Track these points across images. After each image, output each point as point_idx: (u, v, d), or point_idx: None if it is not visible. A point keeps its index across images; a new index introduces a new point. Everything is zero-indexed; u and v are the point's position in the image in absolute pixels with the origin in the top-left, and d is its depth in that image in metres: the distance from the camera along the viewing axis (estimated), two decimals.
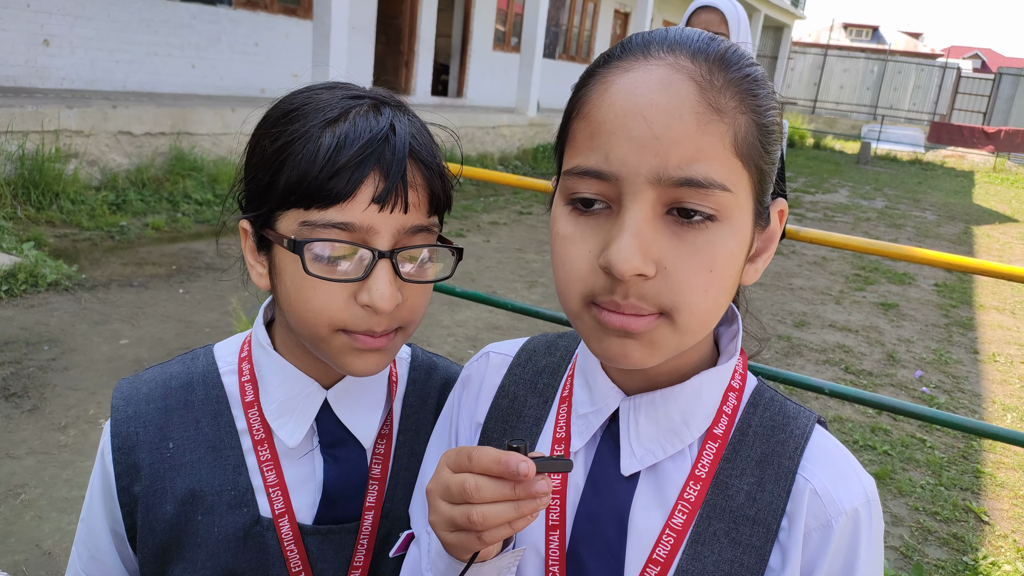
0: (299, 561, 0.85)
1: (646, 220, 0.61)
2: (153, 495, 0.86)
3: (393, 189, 0.75)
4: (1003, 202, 16.04)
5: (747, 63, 0.66)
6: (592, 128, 0.64)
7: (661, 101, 0.61)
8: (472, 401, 0.87)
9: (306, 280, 0.76)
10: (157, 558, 0.86)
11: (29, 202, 5.92)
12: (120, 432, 0.87)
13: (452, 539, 0.66)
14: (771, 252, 0.73)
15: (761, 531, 0.71)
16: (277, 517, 0.85)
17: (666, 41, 0.65)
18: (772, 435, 0.74)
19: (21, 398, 3.39)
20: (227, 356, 0.92)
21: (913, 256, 2.25)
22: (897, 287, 7.73)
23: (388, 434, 0.92)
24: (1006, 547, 3.29)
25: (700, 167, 0.61)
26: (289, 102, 0.81)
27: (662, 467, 0.73)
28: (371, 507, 0.88)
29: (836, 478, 0.72)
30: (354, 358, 0.80)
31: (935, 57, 38.12)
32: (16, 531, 2.56)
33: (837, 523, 0.70)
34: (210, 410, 0.88)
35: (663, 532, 0.71)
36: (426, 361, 1.00)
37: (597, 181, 0.63)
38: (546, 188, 2.82)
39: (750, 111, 0.64)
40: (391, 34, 12.37)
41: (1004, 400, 5.01)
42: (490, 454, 0.62)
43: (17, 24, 7.16)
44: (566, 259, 0.66)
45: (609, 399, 0.75)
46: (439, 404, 0.95)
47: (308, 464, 0.87)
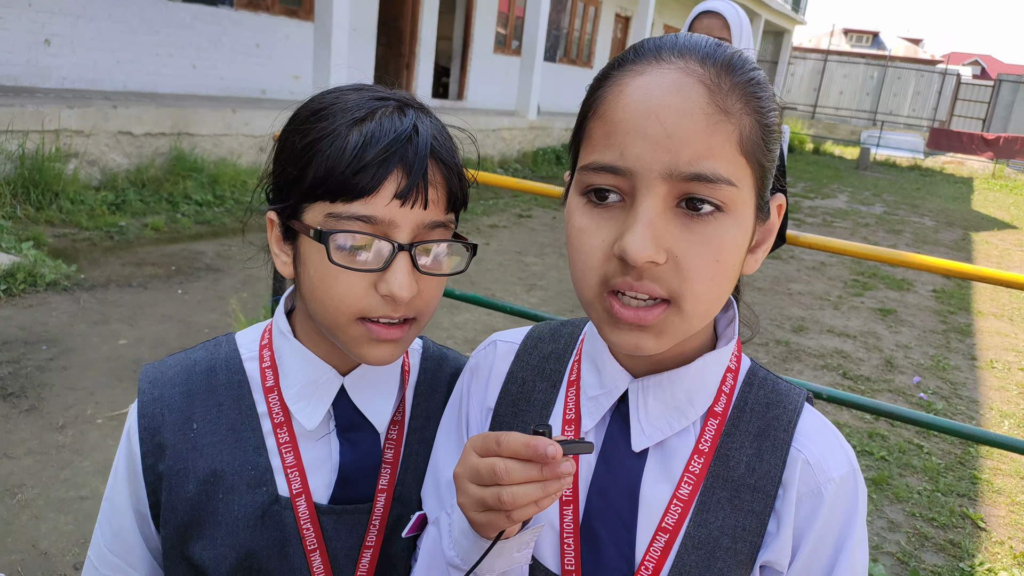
0: (314, 539, 0.89)
1: (658, 212, 0.66)
2: (176, 474, 0.89)
3: (415, 186, 0.80)
4: (1002, 208, 16.06)
5: (751, 67, 0.71)
6: (608, 127, 0.69)
7: (673, 102, 0.66)
8: (482, 388, 0.92)
9: (329, 269, 0.81)
10: (179, 535, 0.90)
11: (29, 202, 5.92)
12: (146, 413, 0.91)
13: (481, 518, 0.70)
14: (769, 243, 0.78)
15: (760, 498, 0.77)
16: (294, 497, 0.89)
17: (676, 47, 0.70)
18: (767, 411, 0.81)
19: (19, 398, 3.39)
20: (248, 343, 0.96)
21: (912, 262, 2.25)
22: (895, 293, 7.73)
23: (401, 420, 0.96)
24: (1002, 553, 3.29)
25: (709, 163, 0.65)
26: (318, 101, 0.85)
27: (668, 443, 0.80)
28: (383, 489, 0.92)
29: (825, 449, 0.79)
30: (370, 347, 0.84)
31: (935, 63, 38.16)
32: (13, 531, 2.56)
33: (826, 490, 0.77)
34: (232, 394, 0.92)
35: (671, 502, 0.78)
36: (437, 352, 1.04)
37: (612, 175, 0.68)
38: (546, 191, 2.83)
39: (754, 112, 0.69)
40: (392, 36, 12.39)
41: (1001, 407, 5.01)
42: (519, 439, 0.67)
43: (18, 23, 7.16)
44: (582, 249, 0.71)
45: (618, 381, 0.81)
46: (448, 393, 0.99)
47: (325, 447, 0.91)
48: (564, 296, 6.13)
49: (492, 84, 14.53)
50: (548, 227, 8.75)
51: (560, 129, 13.86)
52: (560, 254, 7.50)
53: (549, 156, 13.16)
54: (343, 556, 0.90)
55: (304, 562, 0.89)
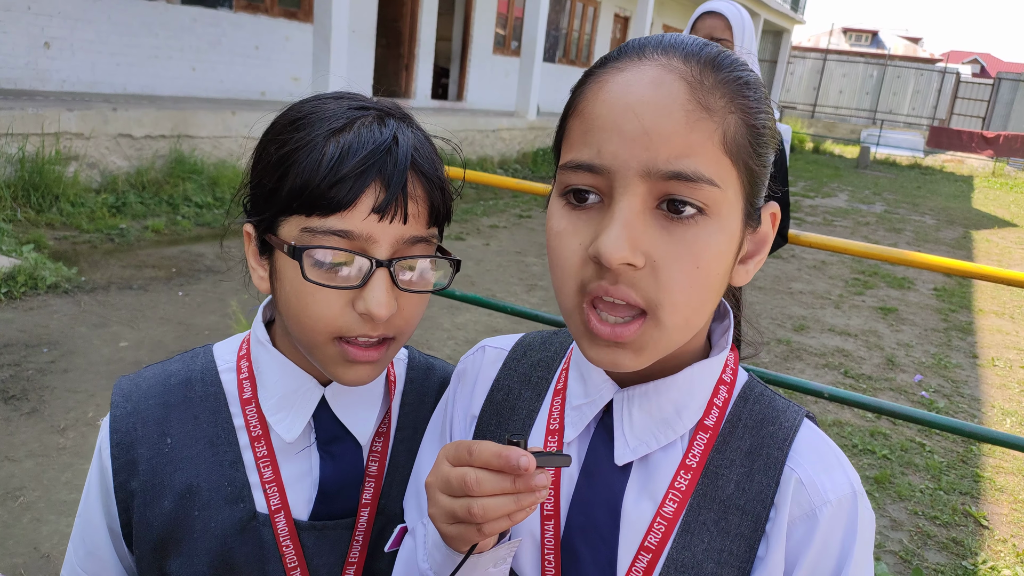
0: (295, 556, 0.86)
1: (636, 212, 0.63)
2: (151, 490, 0.86)
3: (393, 200, 0.76)
4: (1002, 207, 16.06)
5: (739, 67, 0.68)
6: (586, 124, 0.67)
7: (652, 98, 0.64)
8: (467, 394, 0.89)
9: (305, 286, 0.77)
10: (154, 553, 0.87)
11: (29, 204, 5.92)
12: (119, 428, 0.88)
13: (452, 531, 0.67)
14: (763, 255, 0.74)
15: (750, 520, 0.72)
16: (273, 513, 0.86)
17: (661, 44, 0.68)
18: (761, 428, 0.76)
19: (20, 400, 3.39)
20: (226, 355, 0.93)
21: (912, 260, 2.25)
22: (896, 291, 7.73)
23: (386, 432, 0.93)
24: (1005, 551, 3.28)
25: (689, 162, 0.62)
26: (297, 110, 0.82)
27: (653, 457, 0.75)
28: (367, 504, 0.89)
29: (821, 468, 0.73)
30: (345, 369, 0.81)
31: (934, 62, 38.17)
32: (14, 534, 2.56)
33: (822, 513, 0.71)
34: (208, 407, 0.89)
35: (654, 520, 0.73)
36: (423, 362, 1.01)
37: (590, 174, 0.65)
38: (546, 191, 2.82)
39: (740, 111, 0.66)
40: (391, 37, 12.39)
41: (1003, 404, 5.01)
42: (491, 448, 0.64)
43: (18, 27, 7.17)
44: (560, 254, 0.68)
45: (603, 391, 0.77)
46: (436, 404, 0.96)
47: (305, 460, 0.88)
48: None
49: (492, 85, 14.54)
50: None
51: None
52: None
53: (549, 157, 13.15)
54: (325, 573, 0.88)
55: None
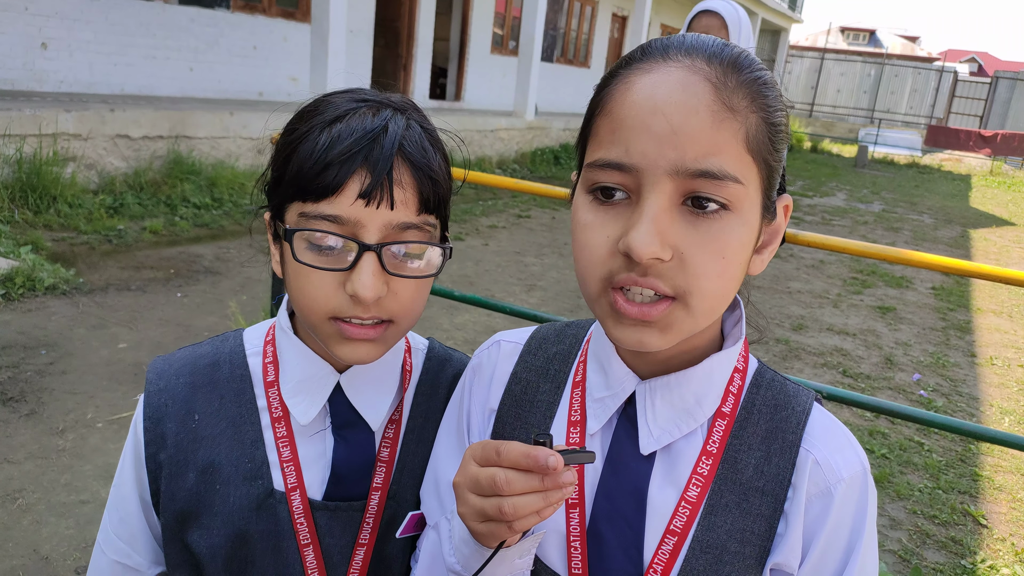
0: (308, 533, 0.90)
1: (663, 209, 0.66)
2: (176, 464, 0.91)
3: (378, 185, 0.80)
4: (1000, 205, 16.08)
5: (758, 67, 0.71)
6: (614, 124, 0.69)
7: (680, 99, 0.66)
8: (484, 388, 0.91)
9: (300, 268, 0.82)
10: (177, 523, 0.91)
11: (27, 205, 5.91)
12: (151, 403, 0.94)
13: (482, 528, 0.70)
14: (776, 244, 0.77)
15: (769, 501, 0.76)
16: (289, 491, 0.90)
17: (684, 46, 0.70)
18: (775, 412, 0.80)
19: (19, 402, 3.39)
20: (254, 339, 0.98)
21: (910, 260, 2.25)
22: (894, 290, 7.74)
23: (398, 419, 0.96)
24: (1004, 550, 3.29)
25: (715, 160, 0.65)
26: (310, 104, 0.87)
27: (676, 445, 0.79)
28: (378, 487, 0.92)
29: (835, 449, 0.78)
30: (344, 346, 0.84)
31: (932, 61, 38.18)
32: (14, 536, 2.56)
33: (836, 490, 0.76)
34: (234, 388, 0.94)
35: (679, 505, 0.76)
36: (442, 353, 1.05)
37: (618, 172, 0.68)
38: (544, 191, 2.83)
39: (760, 110, 0.69)
40: (389, 37, 12.38)
41: (1002, 403, 5.02)
42: (519, 449, 0.66)
43: (15, 27, 7.15)
44: (586, 245, 0.71)
45: (625, 383, 0.80)
46: (450, 395, 0.99)
47: (320, 443, 0.92)
48: (564, 296, 6.13)
49: (490, 85, 14.53)
50: (547, 227, 8.75)
51: (558, 129, 13.85)
52: (560, 254, 7.49)
53: (547, 156, 13.15)
54: (336, 553, 0.91)
55: (297, 556, 0.89)
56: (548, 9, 15.17)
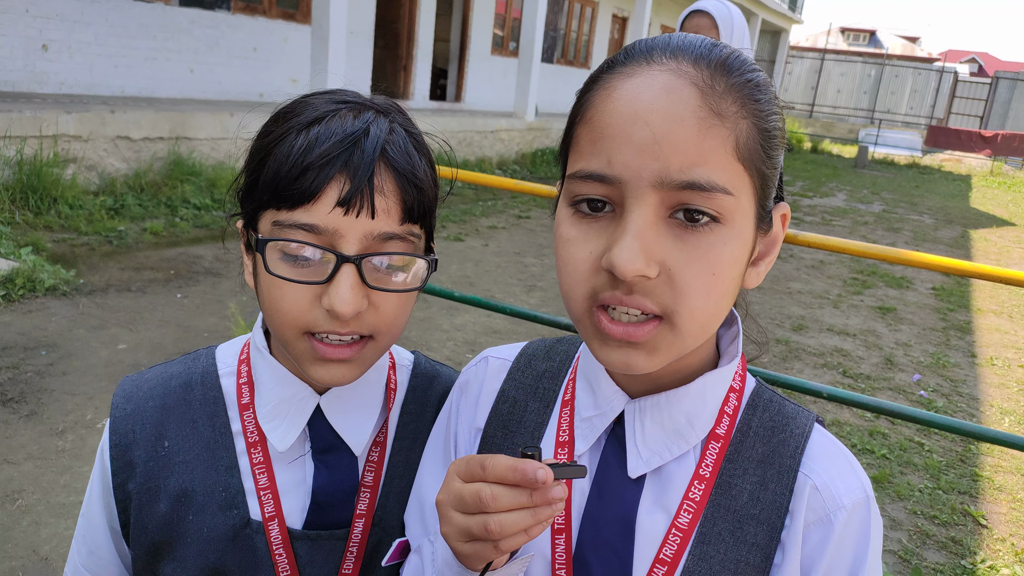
0: (287, 565, 0.84)
1: (649, 223, 0.62)
2: (147, 492, 0.86)
3: (358, 192, 0.74)
4: (1000, 206, 16.07)
5: (749, 69, 0.66)
6: (595, 133, 0.65)
7: (663, 106, 0.62)
8: (471, 406, 0.87)
9: (275, 281, 0.76)
10: (149, 555, 0.87)
11: (27, 207, 5.92)
12: (118, 429, 0.88)
13: (467, 549, 0.65)
14: (774, 256, 0.73)
15: (765, 530, 0.71)
16: (267, 520, 0.84)
17: (669, 47, 0.66)
18: (772, 435, 0.75)
19: (19, 403, 3.39)
20: (227, 358, 0.92)
21: (910, 260, 2.25)
22: (895, 291, 7.73)
23: (383, 442, 0.90)
24: (1004, 551, 3.28)
25: (702, 171, 0.61)
26: (287, 105, 0.82)
27: (666, 468, 0.74)
28: (362, 515, 0.87)
29: (835, 474, 0.73)
30: (318, 367, 0.79)
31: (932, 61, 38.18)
32: (14, 537, 2.56)
33: (837, 518, 0.71)
34: (207, 411, 0.88)
35: (669, 532, 0.72)
36: (428, 369, 0.99)
37: (600, 184, 0.64)
38: (545, 192, 2.82)
39: (752, 116, 0.64)
40: (389, 39, 12.39)
41: (1002, 404, 5.01)
42: (505, 462, 0.62)
43: (16, 29, 7.16)
44: (569, 261, 0.67)
45: (614, 402, 0.75)
46: (438, 414, 0.94)
47: (299, 469, 0.87)
48: None
49: (490, 86, 14.54)
50: (547, 228, 8.74)
51: (558, 130, 13.85)
52: None
53: (548, 157, 13.15)
54: None
55: None
56: (548, 10, 15.19)
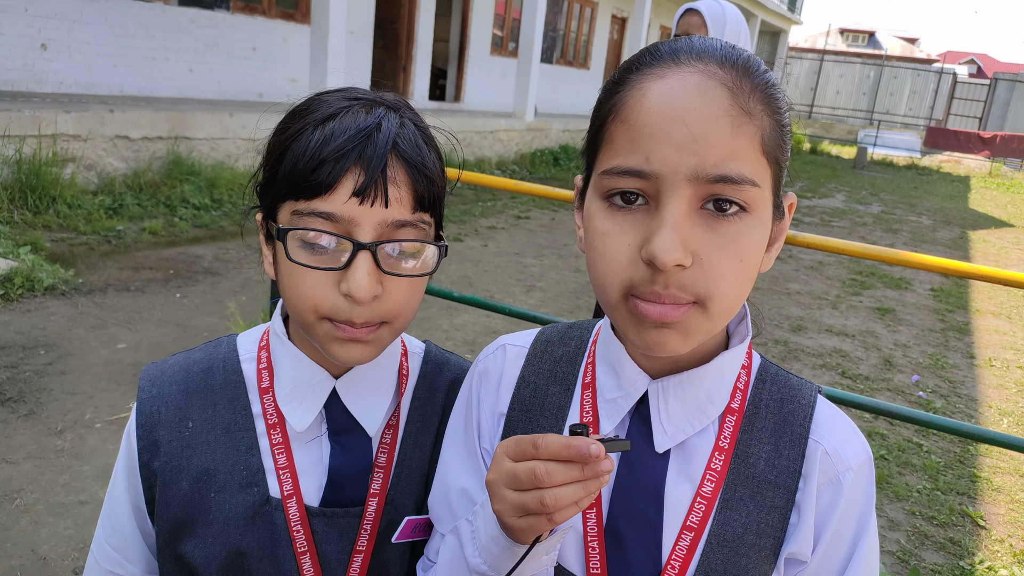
0: (304, 541, 0.89)
1: (684, 215, 0.67)
2: (170, 472, 0.90)
3: (372, 183, 0.79)
4: (999, 207, 16.09)
5: (763, 69, 0.72)
6: (632, 131, 0.69)
7: (698, 105, 0.67)
8: (492, 393, 0.91)
9: (294, 268, 0.81)
10: (171, 532, 0.90)
11: (26, 206, 5.91)
12: (144, 411, 0.93)
13: (521, 523, 0.70)
14: (781, 241, 0.79)
15: (782, 493, 0.79)
16: (285, 498, 0.89)
17: (694, 49, 0.71)
18: (782, 406, 0.82)
19: (17, 403, 3.38)
20: (248, 344, 0.97)
21: (909, 261, 2.25)
22: (893, 292, 7.74)
23: (395, 425, 0.95)
24: (1002, 551, 3.29)
25: (734, 165, 0.67)
26: (302, 103, 0.87)
27: (689, 442, 0.80)
28: (375, 494, 0.91)
29: (842, 439, 0.81)
30: (338, 346, 0.83)
31: (931, 62, 38.20)
32: (12, 536, 2.56)
33: (845, 478, 0.79)
34: (228, 394, 0.93)
35: (694, 501, 0.78)
36: (438, 357, 1.03)
37: (637, 179, 0.68)
38: (544, 193, 2.83)
39: (773, 113, 0.70)
40: (389, 39, 12.39)
41: (1000, 404, 5.02)
42: (559, 440, 0.67)
43: (15, 28, 7.16)
44: (605, 252, 0.71)
45: (637, 383, 0.81)
46: (447, 399, 0.99)
47: (316, 449, 0.91)
48: (563, 297, 6.13)
49: (489, 86, 14.54)
50: (546, 228, 8.75)
51: (558, 131, 13.86)
52: (559, 255, 7.49)
53: (547, 157, 13.15)
54: (334, 559, 0.90)
55: (294, 564, 0.88)
56: (548, 10, 15.19)
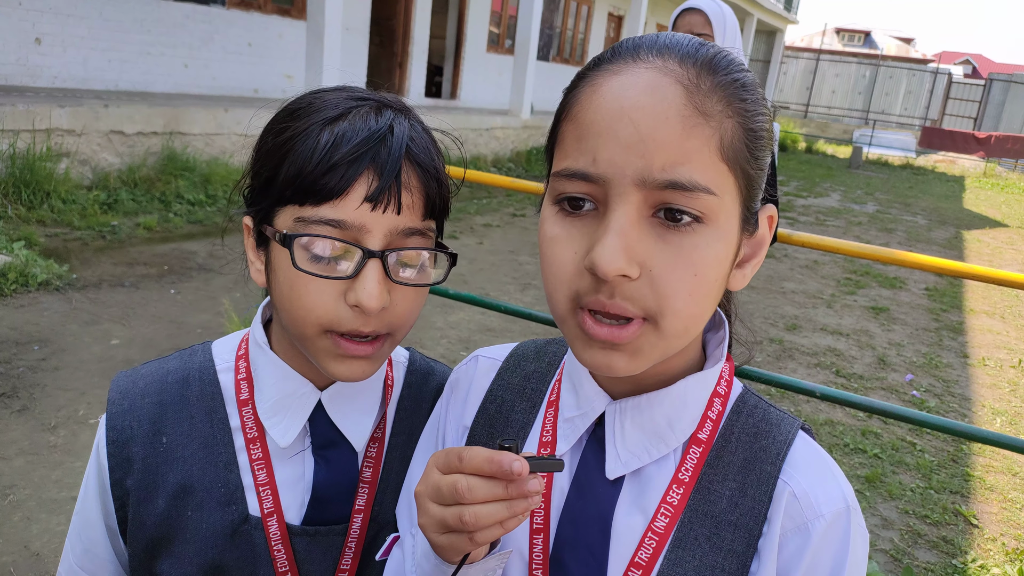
0: (286, 561, 0.85)
1: (631, 222, 0.62)
2: (145, 489, 0.86)
3: (386, 188, 0.75)
4: (993, 207, 16.14)
5: (736, 68, 0.66)
6: (580, 130, 0.64)
7: (647, 103, 0.61)
8: (460, 404, 0.87)
9: (298, 277, 0.76)
10: (146, 552, 0.86)
11: (20, 201, 5.89)
12: (115, 426, 0.88)
13: (443, 540, 0.66)
14: (760, 258, 0.72)
15: (743, 536, 0.70)
16: (266, 516, 0.85)
17: (656, 45, 0.65)
18: (755, 441, 0.74)
19: (11, 398, 3.37)
20: (224, 354, 0.92)
21: (904, 260, 2.26)
22: (888, 291, 7.76)
23: (380, 437, 0.91)
24: (995, 550, 3.30)
25: (684, 170, 0.61)
26: (297, 101, 0.82)
27: (646, 471, 0.73)
28: (360, 510, 0.88)
29: (815, 482, 0.71)
30: (338, 363, 0.79)
31: (926, 62, 38.29)
32: (5, 532, 2.55)
33: (814, 527, 0.69)
34: (205, 407, 0.88)
35: (645, 535, 0.71)
36: (423, 366, 1.00)
37: (585, 183, 0.63)
38: (540, 190, 2.82)
39: (737, 115, 0.64)
40: (385, 35, 12.36)
41: (993, 404, 5.04)
42: (482, 454, 0.62)
43: (9, 22, 7.12)
44: (553, 261, 0.66)
45: (595, 403, 0.75)
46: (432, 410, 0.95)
47: (299, 464, 0.87)
48: None
49: (485, 83, 14.52)
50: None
51: None
52: None
53: (543, 155, 13.06)
54: None
55: None
56: (544, 8, 15.17)
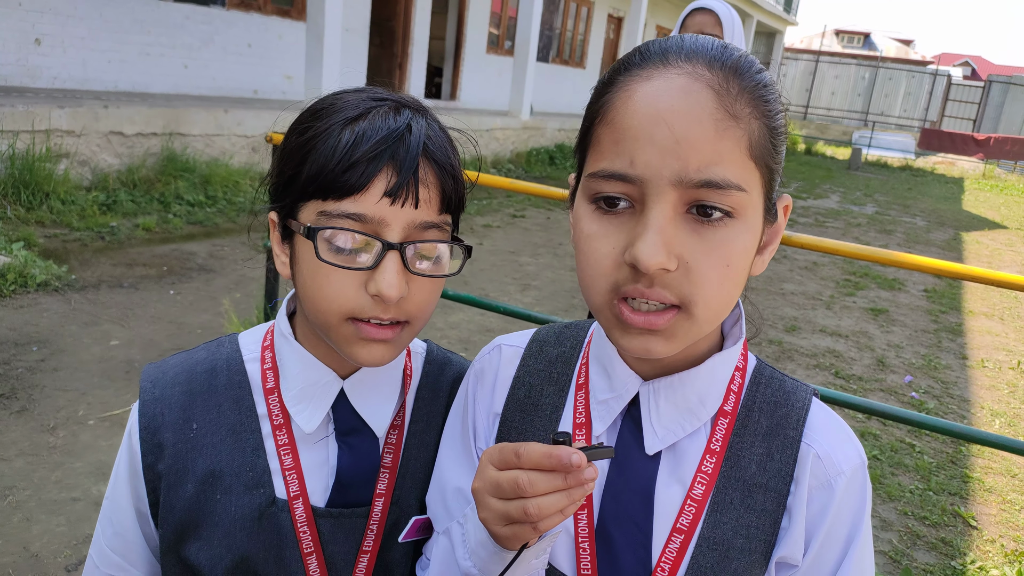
0: (311, 542, 0.89)
1: (668, 219, 0.67)
2: (175, 474, 0.90)
3: (404, 184, 0.80)
4: (992, 208, 16.15)
5: (757, 70, 0.71)
6: (617, 134, 0.69)
7: (682, 108, 0.66)
8: (488, 393, 0.91)
9: (320, 267, 0.81)
10: (176, 535, 0.90)
11: (19, 202, 5.88)
12: (147, 412, 0.92)
13: (506, 532, 0.70)
14: (776, 244, 0.78)
15: (773, 496, 0.78)
16: (292, 499, 0.89)
17: (683, 50, 0.70)
18: (776, 409, 0.82)
19: (10, 399, 3.37)
20: (251, 344, 0.96)
21: (903, 262, 2.26)
22: (887, 292, 7.77)
23: (400, 425, 0.96)
24: (994, 552, 3.30)
25: (719, 170, 0.66)
26: (320, 102, 0.87)
27: (680, 444, 0.80)
28: (381, 494, 0.92)
29: (835, 443, 0.80)
30: (360, 348, 0.84)
31: (926, 64, 38.32)
32: (4, 533, 2.55)
33: (837, 483, 0.78)
34: (232, 395, 0.92)
35: (684, 503, 0.78)
36: (440, 356, 1.04)
37: (622, 183, 0.68)
38: (540, 191, 2.83)
39: (762, 116, 0.69)
40: (385, 36, 12.37)
41: (992, 405, 5.04)
42: (540, 449, 0.66)
43: (8, 23, 7.12)
44: (591, 255, 0.71)
45: (629, 385, 0.81)
46: (450, 398, 1.00)
47: (323, 450, 0.91)
48: (558, 296, 6.13)
49: (485, 84, 14.52)
50: (542, 227, 8.75)
51: (553, 129, 13.85)
52: (554, 254, 7.49)
53: (542, 156, 13.15)
54: (340, 560, 0.90)
55: (300, 566, 0.88)
56: (544, 9, 15.17)
